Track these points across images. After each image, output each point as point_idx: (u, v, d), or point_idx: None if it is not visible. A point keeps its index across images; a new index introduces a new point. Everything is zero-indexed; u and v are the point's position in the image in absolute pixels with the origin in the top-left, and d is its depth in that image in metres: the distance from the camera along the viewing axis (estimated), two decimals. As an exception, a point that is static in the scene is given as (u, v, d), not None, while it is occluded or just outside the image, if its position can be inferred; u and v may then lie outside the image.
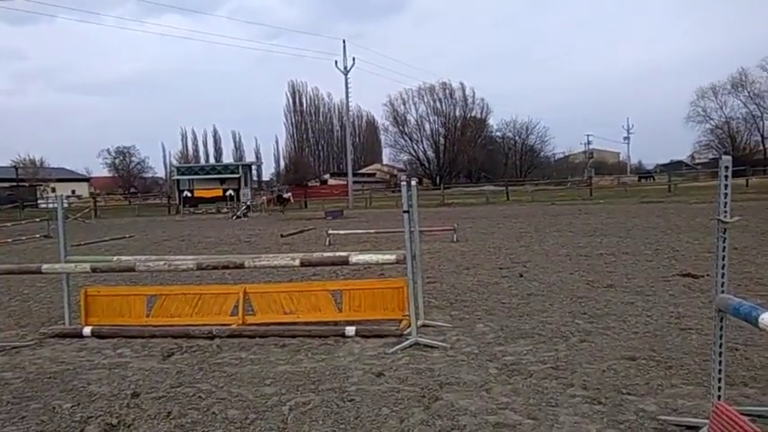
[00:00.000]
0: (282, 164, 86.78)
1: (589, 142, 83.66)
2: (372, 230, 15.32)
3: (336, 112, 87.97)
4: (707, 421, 2.91)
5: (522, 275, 8.31)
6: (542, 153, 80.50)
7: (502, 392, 3.87)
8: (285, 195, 38.13)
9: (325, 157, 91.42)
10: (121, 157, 79.54)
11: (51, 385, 4.44)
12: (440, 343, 5.05)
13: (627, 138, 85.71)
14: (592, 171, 68.99)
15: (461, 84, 73.33)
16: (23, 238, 18.56)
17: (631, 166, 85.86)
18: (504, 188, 43.72)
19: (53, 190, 60.36)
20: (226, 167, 45.62)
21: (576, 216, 20.41)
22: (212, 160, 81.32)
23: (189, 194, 42.35)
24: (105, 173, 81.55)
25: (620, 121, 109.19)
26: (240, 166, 44.81)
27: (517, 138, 77.80)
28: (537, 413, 3.49)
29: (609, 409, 3.51)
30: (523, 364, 4.41)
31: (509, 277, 8.25)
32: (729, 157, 2.91)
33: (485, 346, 4.94)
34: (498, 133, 78.68)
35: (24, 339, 5.86)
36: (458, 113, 74.17)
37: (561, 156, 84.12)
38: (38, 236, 19.02)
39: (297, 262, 5.75)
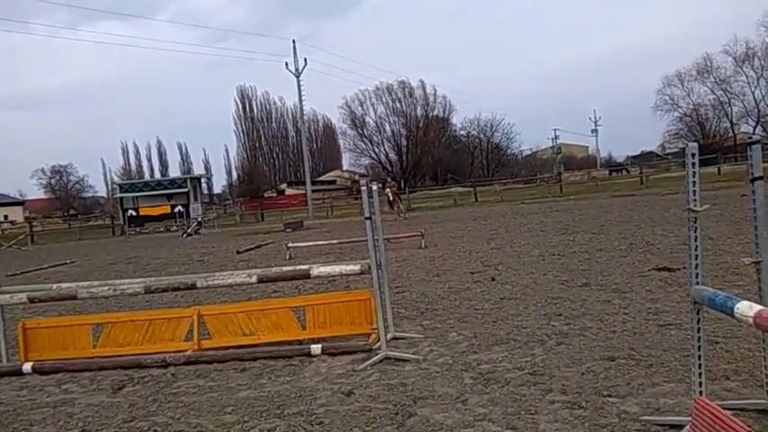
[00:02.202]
0: (235, 174, 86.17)
1: (556, 137, 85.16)
2: (335, 241, 15.30)
3: (290, 116, 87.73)
4: (690, 419, 2.99)
5: (494, 279, 8.40)
6: (509, 150, 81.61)
7: (479, 403, 3.89)
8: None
9: (281, 165, 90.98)
10: (58, 177, 77.64)
11: (-11, 430, 4.29)
12: (411, 355, 5.07)
13: (595, 130, 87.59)
14: (561, 167, 70.24)
15: (421, 81, 73.91)
16: (-49, 270, 17.94)
17: (601, 160, 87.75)
18: (471, 189, 44.21)
19: (-17, 216, 58.46)
20: (173, 182, 44.98)
21: (547, 214, 20.74)
22: (158, 175, 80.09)
23: (134, 213, 41.66)
24: (41, 195, 79.46)
25: (586, 113, 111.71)
26: (188, 180, 44.30)
27: (482, 136, 78.68)
28: (516, 422, 3.53)
29: (590, 412, 3.57)
30: (500, 372, 4.46)
31: (481, 282, 8.33)
32: (695, 144, 3.00)
33: (459, 356, 4.97)
34: (463, 132, 79.47)
35: (-44, 381, 5.65)
36: (419, 113, 74.68)
37: (528, 152, 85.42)
38: (-33, 267, 18.42)
39: (254, 279, 5.69)
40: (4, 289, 6.20)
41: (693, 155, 2.97)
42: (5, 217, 66.96)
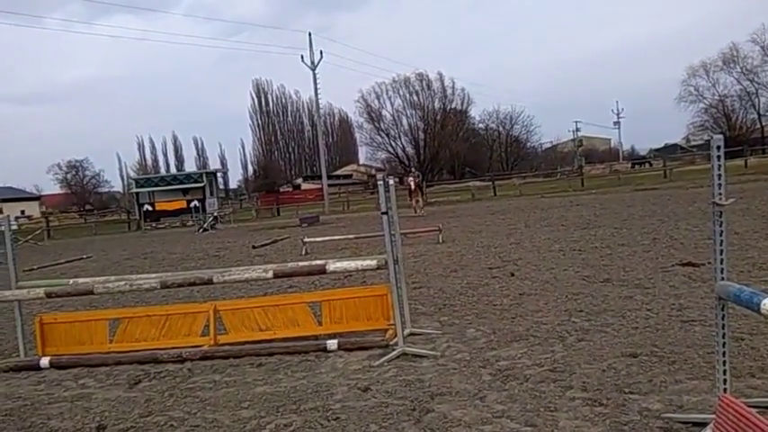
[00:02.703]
0: (251, 169, 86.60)
1: (577, 129, 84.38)
2: (351, 236, 15.31)
3: (306, 110, 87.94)
4: (714, 416, 2.96)
5: (513, 274, 8.38)
6: (528, 143, 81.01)
7: (497, 400, 3.89)
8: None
9: (297, 159, 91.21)
10: (74, 172, 78.60)
11: (8, 423, 4.38)
12: (429, 351, 5.07)
13: (617, 122, 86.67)
14: (582, 160, 69.67)
15: (439, 74, 73.48)
16: (-31, 265, 18.23)
17: (624, 153, 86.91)
18: (490, 183, 44.02)
19: (0, 211, 59.34)
20: (188, 176, 45.29)
21: (567, 208, 20.61)
22: (173, 170, 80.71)
23: (150, 208, 42.05)
24: (57, 190, 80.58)
25: (608, 105, 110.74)
26: (204, 175, 44.55)
27: (501, 129, 78.18)
28: (535, 419, 3.52)
29: (611, 410, 3.55)
30: (519, 369, 4.45)
31: (500, 277, 8.31)
32: (720, 136, 2.97)
33: (477, 352, 4.97)
34: (481, 125, 79.02)
35: (-25, 376, 5.76)
36: (437, 106, 74.31)
37: (549, 145, 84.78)
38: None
39: (270, 274, 5.73)
40: (21, 284, 6.30)
41: (719, 147, 2.94)
42: (22, 212, 67.80)
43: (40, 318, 6.32)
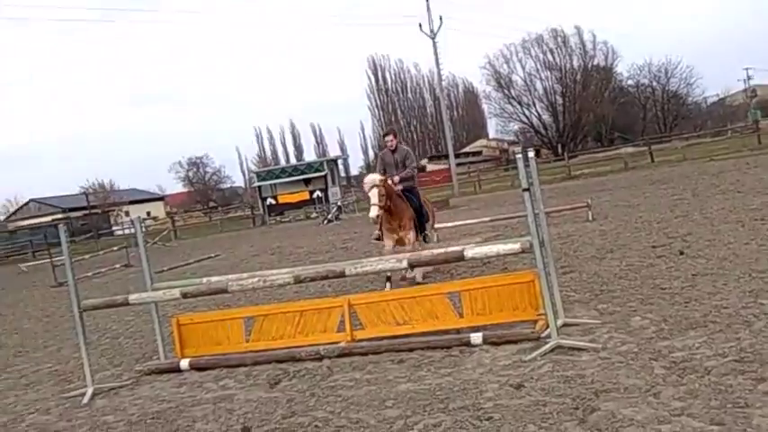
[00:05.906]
0: (371, 154, 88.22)
1: (749, 77, 78.16)
2: (487, 218, 15.18)
3: (427, 84, 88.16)
4: None
5: (682, 252, 7.98)
6: (690, 99, 76.17)
7: (674, 396, 3.75)
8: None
9: (420, 139, 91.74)
10: (195, 169, 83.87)
11: (155, 426, 4.81)
12: (588, 344, 4.97)
13: (800, 64, 79.29)
14: (757, 113, 64.51)
15: (576, 28, 70.97)
16: (103, 269, 20.00)
17: (811, 100, 79.41)
18: (645, 148, 41.91)
19: (126, 214, 64.62)
20: (309, 166, 47.10)
21: (743, 172, 19.26)
22: (293, 160, 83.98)
23: (273, 202, 44.09)
24: (179, 188, 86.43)
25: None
26: (325, 163, 46.08)
27: (655, 84, 74.05)
28: (723, 417, 3.36)
29: (817, 405, 3.31)
30: (698, 360, 4.26)
31: (666, 256, 7.94)
32: None
33: (645, 343, 4.80)
34: (630, 82, 75.33)
35: (121, 379, 6.37)
36: (576, 64, 71.83)
37: (715, 99, 79.29)
38: (117, 266, 20.45)
39: (404, 263, 5.84)
40: (157, 285, 6.85)
41: None
42: (148, 213, 73.42)
43: (177, 319, 6.84)
